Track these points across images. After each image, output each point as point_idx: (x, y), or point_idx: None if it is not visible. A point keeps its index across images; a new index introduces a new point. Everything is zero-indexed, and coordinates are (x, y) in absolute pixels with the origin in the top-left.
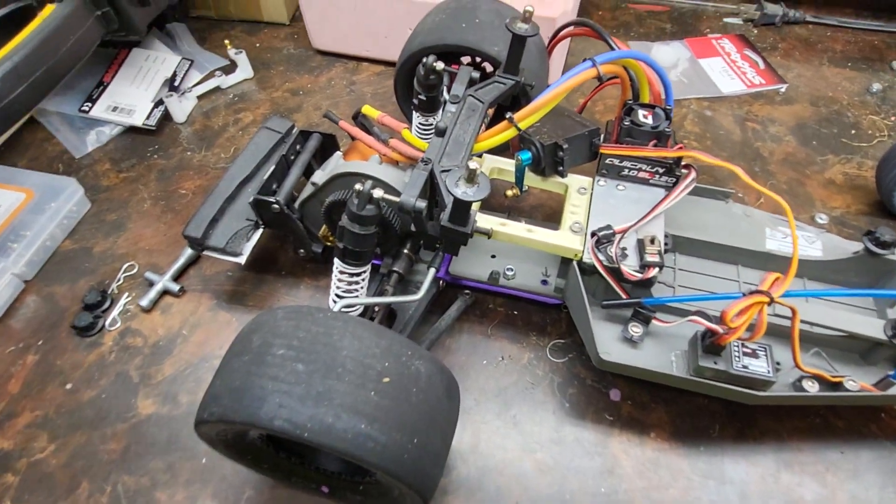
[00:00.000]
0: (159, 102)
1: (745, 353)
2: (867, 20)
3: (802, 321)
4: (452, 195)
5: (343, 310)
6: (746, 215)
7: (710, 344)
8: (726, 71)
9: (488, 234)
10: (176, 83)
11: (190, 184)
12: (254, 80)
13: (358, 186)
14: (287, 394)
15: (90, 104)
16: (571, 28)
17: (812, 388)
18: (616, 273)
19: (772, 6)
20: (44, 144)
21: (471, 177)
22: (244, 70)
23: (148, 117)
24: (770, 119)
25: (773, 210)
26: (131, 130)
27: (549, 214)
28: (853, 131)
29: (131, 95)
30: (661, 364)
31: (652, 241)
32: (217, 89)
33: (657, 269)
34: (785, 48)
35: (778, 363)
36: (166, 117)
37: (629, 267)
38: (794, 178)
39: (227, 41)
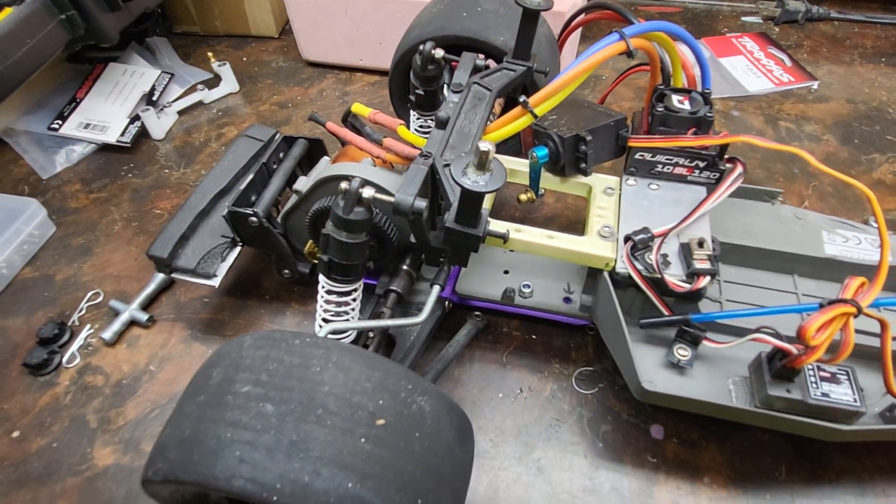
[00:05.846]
0: (135, 118)
1: (823, 379)
2: None
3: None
4: (460, 186)
5: (329, 336)
6: (798, 217)
7: (781, 368)
8: (750, 69)
9: (504, 237)
10: (154, 98)
11: (166, 203)
12: (239, 94)
13: (344, 185)
14: (251, 444)
15: (60, 122)
16: (584, 15)
17: None
18: (657, 284)
19: (794, 3)
20: (9, 166)
21: (482, 162)
22: (228, 83)
23: (122, 134)
24: (804, 118)
25: (819, 212)
26: (105, 149)
27: (567, 225)
28: None
29: (105, 111)
30: (717, 394)
31: (700, 245)
32: (199, 104)
33: (708, 278)
34: (811, 45)
35: (861, 389)
36: (143, 134)
37: (674, 276)
38: (840, 178)
39: (210, 54)
